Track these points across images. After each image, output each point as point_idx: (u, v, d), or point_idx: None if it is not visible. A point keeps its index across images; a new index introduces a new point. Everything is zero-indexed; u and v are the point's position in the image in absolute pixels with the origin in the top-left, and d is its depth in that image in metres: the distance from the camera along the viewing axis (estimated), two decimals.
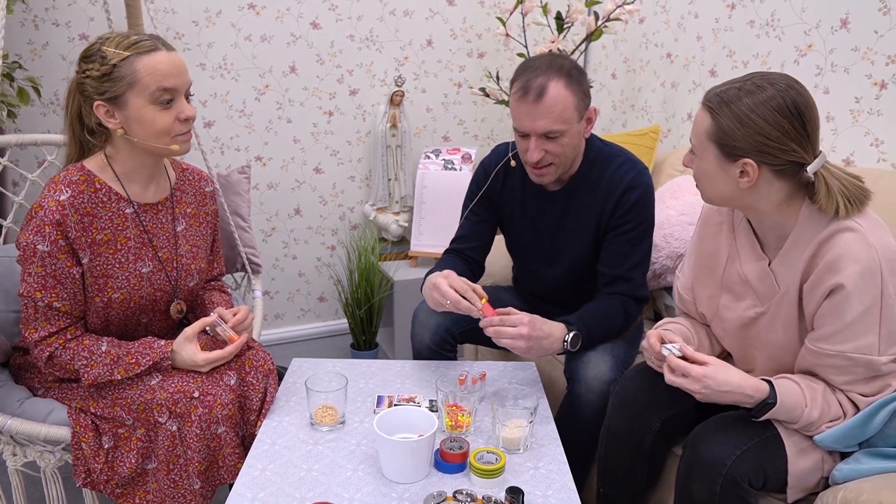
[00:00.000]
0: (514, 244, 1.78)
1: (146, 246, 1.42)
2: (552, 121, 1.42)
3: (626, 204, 1.54)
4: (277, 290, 2.85)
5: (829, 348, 1.13)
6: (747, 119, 1.09)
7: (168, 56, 1.30)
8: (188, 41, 2.42)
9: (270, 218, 2.75)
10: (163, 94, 1.28)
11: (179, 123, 1.33)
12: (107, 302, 1.37)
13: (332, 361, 1.63)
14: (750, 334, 1.28)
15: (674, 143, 2.49)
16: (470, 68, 2.90)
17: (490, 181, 1.67)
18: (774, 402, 1.13)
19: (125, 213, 1.39)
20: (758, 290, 1.25)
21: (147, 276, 1.42)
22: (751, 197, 1.16)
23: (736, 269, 1.29)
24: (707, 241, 1.36)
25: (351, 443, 1.31)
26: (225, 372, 1.38)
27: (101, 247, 1.36)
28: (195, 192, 1.54)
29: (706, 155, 1.15)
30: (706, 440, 1.18)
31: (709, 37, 2.29)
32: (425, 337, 1.65)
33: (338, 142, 2.76)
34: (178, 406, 1.32)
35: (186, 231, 1.51)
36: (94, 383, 1.33)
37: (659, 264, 1.89)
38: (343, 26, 2.63)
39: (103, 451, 1.34)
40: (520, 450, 1.28)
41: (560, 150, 1.47)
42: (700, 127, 1.15)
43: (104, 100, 1.28)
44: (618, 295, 1.56)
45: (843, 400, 1.16)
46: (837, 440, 1.13)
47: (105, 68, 1.26)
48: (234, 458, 1.35)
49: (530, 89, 1.41)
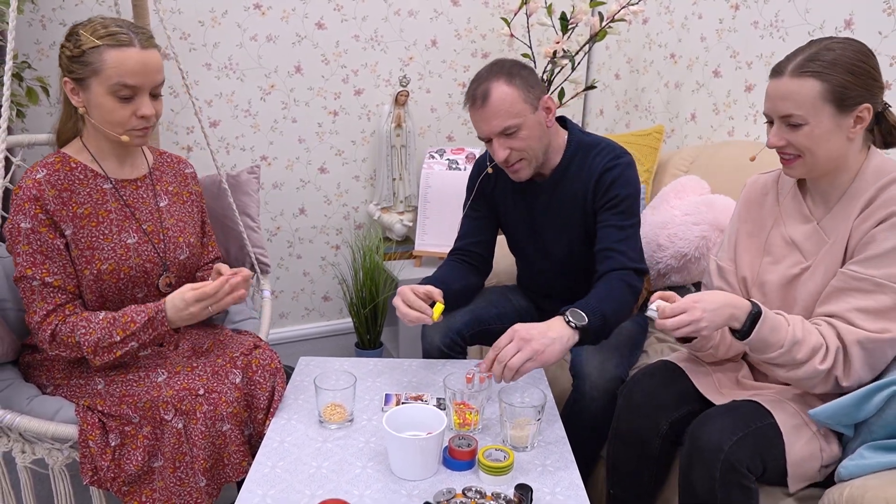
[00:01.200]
0: (511, 240, 1.81)
1: (129, 219, 1.46)
2: (503, 119, 1.49)
3: (605, 183, 1.57)
4: (282, 289, 2.86)
5: (861, 271, 1.18)
6: (856, 67, 1.16)
7: (139, 54, 1.32)
8: (194, 41, 2.43)
9: (275, 217, 2.75)
10: (122, 90, 1.32)
11: (136, 119, 1.35)
12: (97, 274, 1.39)
13: (340, 360, 1.64)
14: (790, 292, 1.32)
15: (677, 143, 2.50)
16: (474, 68, 2.89)
17: (482, 179, 1.71)
18: (760, 311, 1.18)
19: (103, 189, 1.43)
20: (804, 248, 1.30)
21: (133, 246, 1.45)
22: (849, 148, 1.22)
23: (780, 233, 1.34)
24: (751, 212, 1.41)
25: (360, 440, 1.32)
26: (230, 370, 1.39)
27: (83, 220, 1.39)
28: (174, 172, 1.58)
29: (820, 119, 1.18)
30: (704, 428, 1.20)
31: (712, 37, 2.29)
32: (435, 338, 1.67)
33: (342, 141, 2.77)
34: (184, 403, 1.33)
35: (170, 206, 1.54)
36: (97, 350, 1.34)
37: (663, 264, 1.90)
38: (348, 26, 2.64)
39: (110, 449, 1.35)
40: (528, 447, 1.29)
41: (523, 144, 1.52)
42: (806, 94, 1.17)
43: (71, 78, 1.33)
44: (614, 271, 1.52)
45: (828, 332, 1.19)
46: (830, 416, 1.15)
47: (76, 51, 1.31)
48: (239, 456, 1.36)
49: (476, 97, 1.51)
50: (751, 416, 1.18)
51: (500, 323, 1.73)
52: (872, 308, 1.17)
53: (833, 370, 1.18)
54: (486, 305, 1.74)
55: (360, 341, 2.66)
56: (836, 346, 1.18)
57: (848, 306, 1.19)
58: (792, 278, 1.31)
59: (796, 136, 1.21)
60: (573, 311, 1.38)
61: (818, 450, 1.17)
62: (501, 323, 1.73)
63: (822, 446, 1.18)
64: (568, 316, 1.37)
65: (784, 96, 1.20)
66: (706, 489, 1.16)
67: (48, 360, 1.46)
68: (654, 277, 1.95)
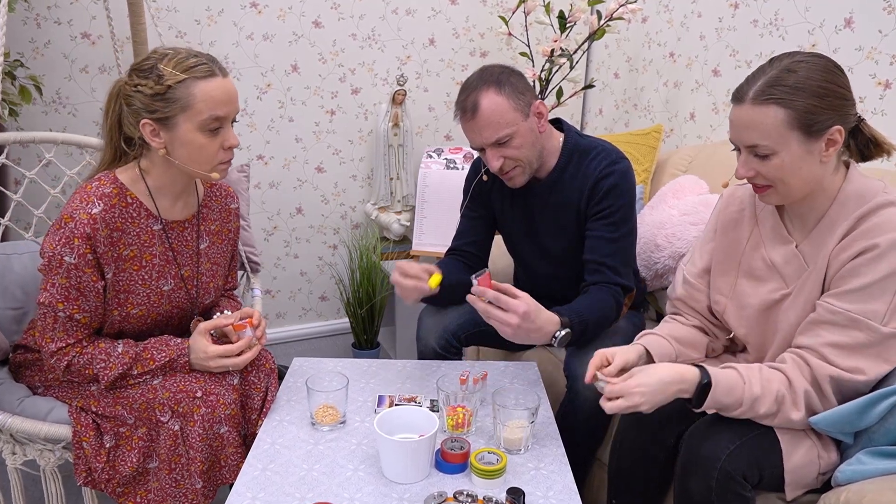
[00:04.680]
0: (508, 240, 1.80)
1: (170, 263, 1.41)
2: (494, 129, 1.46)
3: (599, 191, 1.56)
4: (279, 289, 2.85)
5: (836, 305, 1.13)
6: (821, 89, 1.09)
7: (223, 83, 1.28)
8: (190, 40, 2.42)
9: (272, 217, 2.74)
10: (213, 123, 1.27)
11: (223, 152, 1.31)
12: (124, 316, 1.37)
13: (334, 361, 1.63)
14: (771, 317, 1.28)
15: (676, 142, 2.48)
16: (472, 67, 2.87)
17: (480, 178, 1.69)
18: (709, 382, 1.13)
19: (153, 230, 1.38)
20: (784, 272, 1.25)
21: (168, 293, 1.41)
22: (823, 171, 1.16)
23: (760, 255, 1.29)
24: (727, 229, 1.36)
25: (351, 443, 1.31)
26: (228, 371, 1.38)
27: (127, 262, 1.35)
28: (221, 209, 1.53)
29: (788, 147, 1.12)
30: (701, 436, 1.18)
31: (712, 36, 2.28)
32: (430, 340, 1.66)
33: (340, 141, 2.76)
34: (181, 405, 1.32)
35: (209, 249, 1.49)
36: (112, 383, 1.33)
37: (661, 264, 1.89)
38: (345, 25, 2.62)
39: (104, 450, 1.34)
40: (521, 450, 1.28)
41: (517, 153, 1.50)
42: (770, 123, 1.11)
43: (153, 118, 1.26)
44: (603, 284, 1.54)
45: (794, 373, 1.14)
46: (831, 423, 1.12)
47: (159, 88, 1.24)
48: (236, 458, 1.35)
49: (466, 108, 1.48)
50: (748, 423, 1.16)
51: None
52: (846, 344, 1.12)
53: (809, 414, 1.14)
54: None
55: (357, 341, 2.65)
56: (804, 389, 1.14)
57: (822, 341, 1.14)
58: (773, 304, 1.27)
59: (766, 167, 1.15)
60: (566, 335, 1.41)
61: (816, 457, 1.15)
62: None
63: (820, 453, 1.16)
64: (559, 334, 1.40)
65: (747, 125, 1.13)
66: (702, 499, 1.14)
67: (39, 360, 1.45)
68: (651, 278, 1.93)
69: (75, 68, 2.31)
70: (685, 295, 1.42)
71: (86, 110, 2.36)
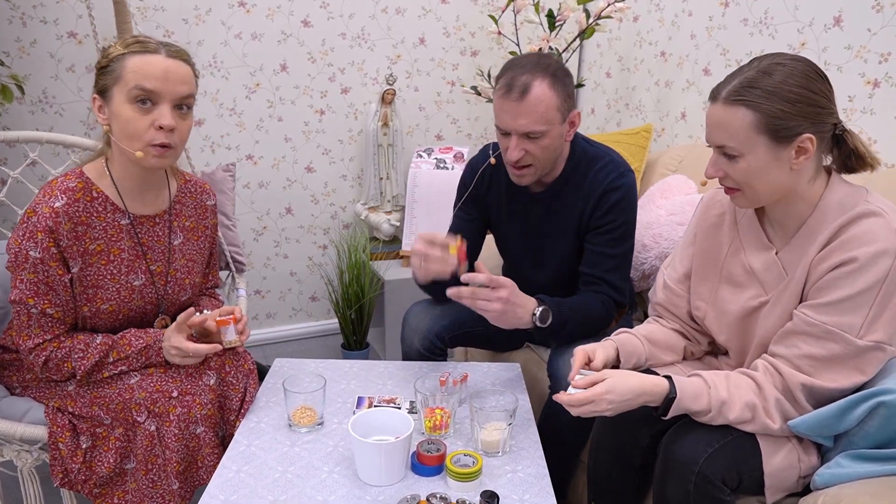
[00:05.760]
0: (501, 245, 1.77)
1: (139, 258, 1.40)
2: (534, 120, 1.40)
3: (605, 205, 1.52)
4: (269, 289, 2.83)
5: (813, 317, 1.11)
6: (793, 95, 1.06)
7: (164, 61, 1.26)
8: (177, 39, 2.40)
9: (261, 217, 2.73)
10: (140, 94, 1.24)
11: (154, 131, 1.26)
12: (95, 312, 1.36)
13: (316, 362, 1.62)
14: (749, 324, 1.26)
15: (667, 142, 2.47)
16: (463, 67, 2.88)
17: (476, 180, 1.66)
18: (675, 395, 1.13)
19: (120, 224, 1.37)
20: (763, 279, 1.23)
21: (139, 288, 1.40)
22: (796, 179, 1.13)
23: (740, 261, 1.27)
24: (707, 234, 1.34)
25: (328, 444, 1.29)
26: (204, 371, 1.37)
27: (93, 257, 1.33)
28: (196, 205, 1.51)
29: (755, 150, 1.10)
30: (678, 440, 1.17)
31: (702, 35, 2.26)
32: (415, 341, 1.64)
33: (329, 140, 2.75)
34: (157, 405, 1.31)
35: (183, 245, 1.48)
36: (88, 373, 1.32)
37: (648, 265, 1.87)
38: (334, 24, 2.61)
39: (81, 451, 1.33)
40: (499, 452, 1.26)
41: (539, 153, 1.45)
42: (738, 125, 1.09)
43: (97, 93, 1.29)
44: (597, 292, 1.54)
45: (765, 381, 1.13)
46: (810, 427, 1.11)
47: (103, 61, 1.27)
48: (213, 459, 1.33)
49: (514, 87, 1.39)
50: (726, 427, 1.15)
51: (482, 326, 1.69)
52: (820, 356, 1.10)
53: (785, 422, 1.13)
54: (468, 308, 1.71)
55: (346, 342, 2.63)
56: (775, 397, 1.12)
57: (797, 351, 1.12)
58: (751, 311, 1.25)
59: (733, 169, 1.12)
60: (544, 311, 1.42)
61: (797, 460, 1.14)
62: (483, 326, 1.70)
63: (800, 457, 1.14)
64: (537, 311, 1.42)
65: (717, 125, 1.12)
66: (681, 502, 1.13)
67: (18, 361, 1.44)
68: (638, 278, 1.92)
69: (62, 67, 2.30)
70: (665, 300, 1.41)
71: (73, 110, 2.34)
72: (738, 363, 1.31)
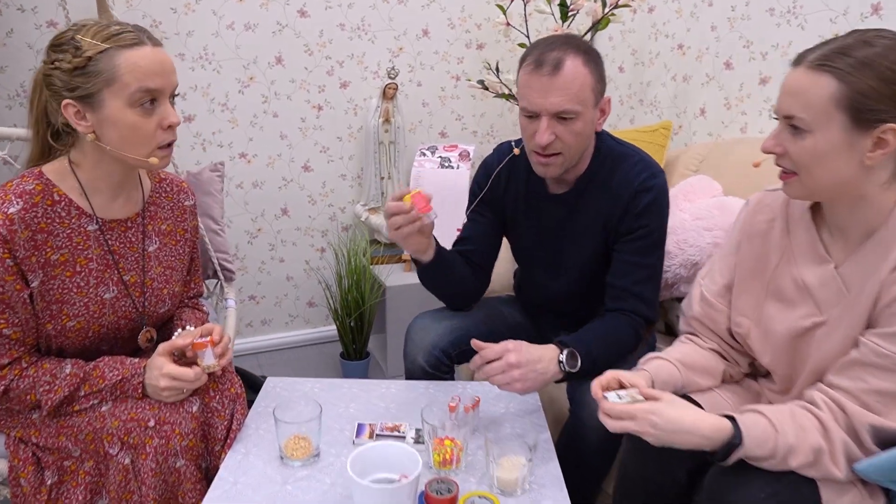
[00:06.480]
0: (518, 250, 1.64)
1: (110, 268, 1.25)
2: (568, 98, 1.28)
3: (636, 208, 1.39)
4: (264, 294, 2.70)
5: (884, 347, 0.96)
6: (890, 73, 0.92)
7: (154, 52, 1.13)
8: (165, 29, 2.27)
9: (256, 218, 2.61)
10: (144, 96, 1.12)
11: (162, 132, 1.16)
12: (60, 330, 1.21)
13: (312, 381, 1.48)
14: (801, 347, 1.12)
15: (685, 139, 2.35)
16: (468, 60, 2.77)
17: (492, 182, 1.54)
18: (740, 443, 0.98)
19: (87, 231, 1.22)
20: (818, 296, 1.08)
21: (110, 302, 1.26)
22: (865, 178, 0.98)
23: (790, 274, 1.12)
24: (753, 241, 1.20)
25: (325, 482, 1.15)
26: (186, 397, 1.23)
27: (56, 268, 1.19)
28: (172, 206, 1.37)
29: (828, 128, 0.95)
30: (727, 482, 1.02)
31: (724, 26, 2.14)
32: (418, 357, 1.51)
33: (327, 138, 2.63)
34: (132, 436, 1.17)
35: (159, 251, 1.34)
36: (56, 407, 1.18)
37: (672, 273, 1.73)
38: (333, 14, 2.49)
39: (45, 488, 1.19)
40: (517, 492, 1.12)
41: (570, 138, 1.32)
42: (817, 95, 0.95)
43: (75, 98, 1.11)
44: (625, 312, 1.41)
45: (829, 421, 0.99)
46: (881, 471, 0.97)
47: (78, 61, 1.09)
48: (195, 495, 1.19)
49: (545, 61, 1.27)
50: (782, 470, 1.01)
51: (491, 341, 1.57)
52: (892, 392, 0.96)
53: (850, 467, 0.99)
54: (477, 322, 1.58)
55: (346, 351, 2.49)
56: (842, 439, 0.98)
57: (865, 386, 0.98)
58: (803, 332, 1.10)
59: (796, 146, 0.99)
60: (570, 354, 1.31)
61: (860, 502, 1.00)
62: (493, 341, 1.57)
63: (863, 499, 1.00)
64: (563, 356, 1.30)
65: (792, 91, 0.98)
66: None
67: None
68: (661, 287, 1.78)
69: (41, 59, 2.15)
70: (702, 314, 1.26)
71: None
72: (784, 389, 1.17)
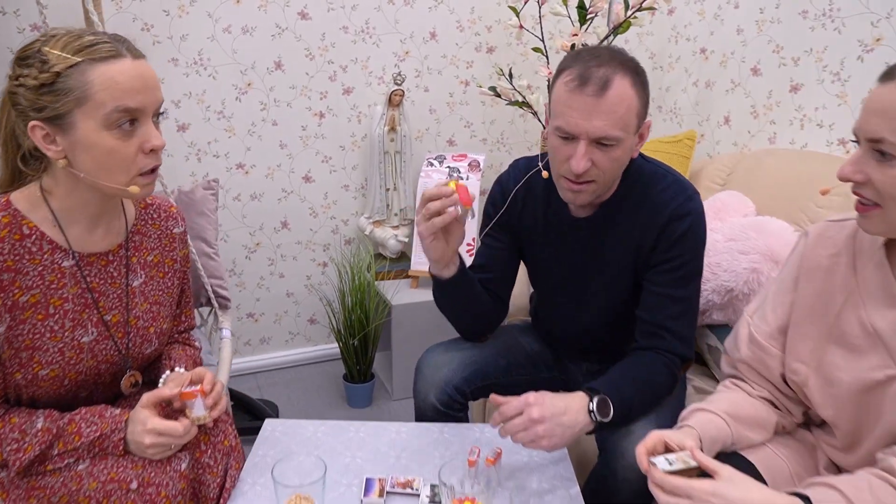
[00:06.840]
0: (536, 277, 1.51)
1: (89, 308, 1.12)
2: (612, 123, 1.13)
3: (670, 236, 1.26)
4: (263, 311, 2.58)
5: None
6: None
7: (134, 65, 0.99)
8: (158, 33, 2.16)
9: (254, 232, 2.49)
10: (123, 116, 0.98)
11: (144, 156, 1.02)
12: (31, 380, 1.08)
13: (315, 424, 1.34)
14: (871, 402, 0.99)
15: (707, 149, 2.23)
16: (478, 64, 2.66)
17: (508, 203, 1.41)
18: None
19: (61, 267, 1.09)
20: (891, 345, 0.96)
21: (88, 345, 1.12)
22: None
23: (858, 318, 1.00)
24: (813, 278, 1.07)
25: None
26: (174, 454, 1.10)
27: (26, 311, 1.06)
28: (160, 234, 1.23)
29: None
30: None
31: (751, 29, 2.03)
32: (430, 395, 1.38)
33: (330, 147, 2.52)
34: (112, 499, 1.04)
35: (145, 286, 1.20)
36: (26, 467, 1.05)
37: (704, 299, 1.60)
38: (335, 17, 2.38)
39: None
40: None
41: (608, 165, 1.19)
42: None
43: (42, 119, 0.97)
44: (659, 351, 1.28)
45: None
46: None
47: (45, 77, 0.95)
48: None
49: (590, 79, 1.12)
50: None
51: (508, 376, 1.45)
52: None
53: None
54: (493, 354, 1.45)
55: (349, 373, 2.37)
56: None
57: None
58: (873, 385, 0.98)
59: (883, 175, 0.87)
60: (601, 401, 1.18)
61: None
62: (511, 376, 1.45)
63: None
64: (593, 405, 1.17)
65: (881, 111, 0.86)
66: None
67: None
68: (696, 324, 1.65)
69: None
70: (752, 358, 1.13)
71: None
72: (847, 446, 1.04)
